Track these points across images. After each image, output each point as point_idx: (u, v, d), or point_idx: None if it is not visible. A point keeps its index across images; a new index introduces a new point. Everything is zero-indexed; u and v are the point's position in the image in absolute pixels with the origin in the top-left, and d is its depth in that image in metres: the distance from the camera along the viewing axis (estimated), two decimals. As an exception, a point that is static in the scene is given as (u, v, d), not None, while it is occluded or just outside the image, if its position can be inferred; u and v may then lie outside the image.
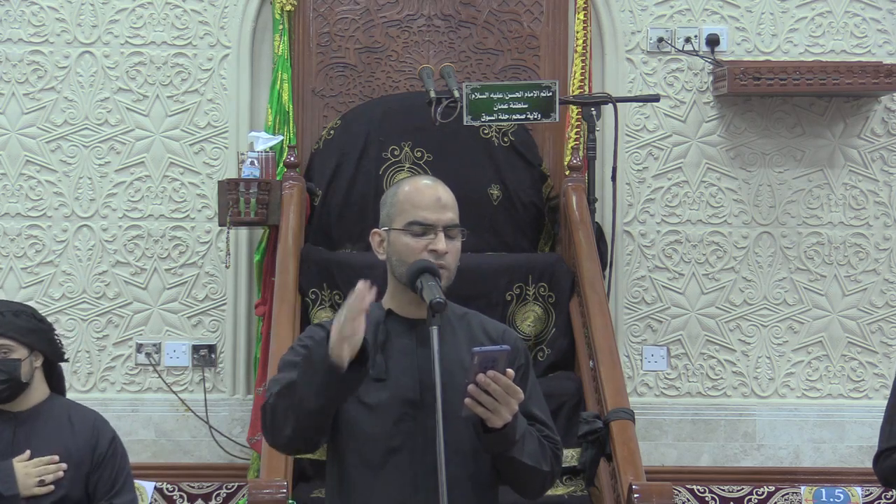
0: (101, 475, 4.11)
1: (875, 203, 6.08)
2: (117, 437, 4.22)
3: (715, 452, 5.97)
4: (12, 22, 5.95)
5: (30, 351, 4.11)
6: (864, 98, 6.03)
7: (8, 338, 4.07)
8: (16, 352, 4.08)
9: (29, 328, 4.12)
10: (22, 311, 4.18)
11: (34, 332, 4.13)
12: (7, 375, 4.04)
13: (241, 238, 5.94)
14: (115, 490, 4.12)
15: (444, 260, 3.07)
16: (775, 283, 6.05)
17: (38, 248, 5.94)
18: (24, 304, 4.32)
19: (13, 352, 4.08)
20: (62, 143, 5.95)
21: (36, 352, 4.13)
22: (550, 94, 5.40)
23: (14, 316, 4.12)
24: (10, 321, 4.09)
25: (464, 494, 3.03)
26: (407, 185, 3.16)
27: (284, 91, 5.84)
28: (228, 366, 5.93)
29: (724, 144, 6.06)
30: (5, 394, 4.07)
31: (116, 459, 4.16)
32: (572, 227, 5.49)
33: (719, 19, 6.06)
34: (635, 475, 4.36)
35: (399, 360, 3.09)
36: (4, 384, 4.05)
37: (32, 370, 4.13)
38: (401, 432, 3.05)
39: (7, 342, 4.07)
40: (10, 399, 4.09)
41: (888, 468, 4.19)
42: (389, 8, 6.09)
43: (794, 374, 6.03)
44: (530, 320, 5.44)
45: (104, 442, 4.15)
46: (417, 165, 5.73)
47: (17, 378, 4.06)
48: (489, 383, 2.91)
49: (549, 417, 3.21)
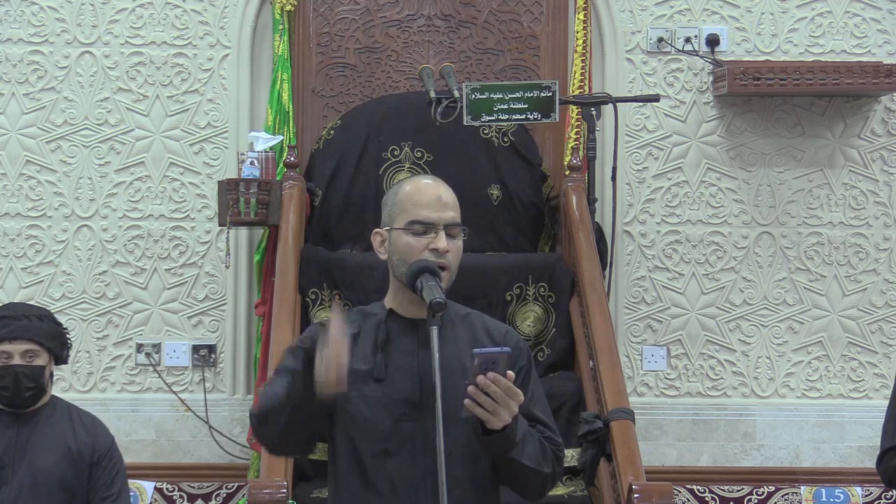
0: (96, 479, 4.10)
1: (875, 203, 6.08)
2: (115, 445, 4.21)
3: (715, 452, 5.97)
4: (12, 22, 5.95)
5: (49, 356, 4.11)
6: (864, 98, 6.03)
7: (35, 343, 4.07)
8: (39, 357, 4.08)
9: (51, 333, 4.13)
10: (45, 315, 4.19)
11: (55, 336, 4.14)
12: (34, 382, 4.05)
13: (241, 238, 5.94)
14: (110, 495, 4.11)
15: (446, 259, 3.07)
16: (775, 283, 6.05)
17: (38, 248, 5.94)
18: (43, 308, 4.32)
19: (38, 357, 4.08)
20: (62, 143, 5.95)
21: (52, 356, 4.14)
22: (550, 94, 5.40)
23: (39, 321, 4.12)
24: (37, 326, 4.09)
25: (464, 495, 3.03)
26: (408, 185, 3.16)
27: (284, 91, 5.84)
28: (228, 366, 5.93)
29: (724, 144, 6.06)
30: (30, 401, 4.07)
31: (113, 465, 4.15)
32: (572, 227, 5.49)
33: (719, 19, 6.06)
34: (635, 475, 4.35)
35: (400, 361, 3.08)
36: (31, 391, 4.05)
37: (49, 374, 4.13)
38: (401, 433, 3.04)
39: (34, 347, 4.07)
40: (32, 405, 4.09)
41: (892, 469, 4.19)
42: (389, 8, 6.09)
43: (794, 374, 6.03)
44: (530, 320, 5.44)
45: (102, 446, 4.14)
46: (417, 165, 5.73)
47: (42, 385, 4.08)
48: (489, 385, 2.90)
49: (551, 419, 3.19)
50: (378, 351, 3.08)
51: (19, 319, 4.10)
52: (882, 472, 4.28)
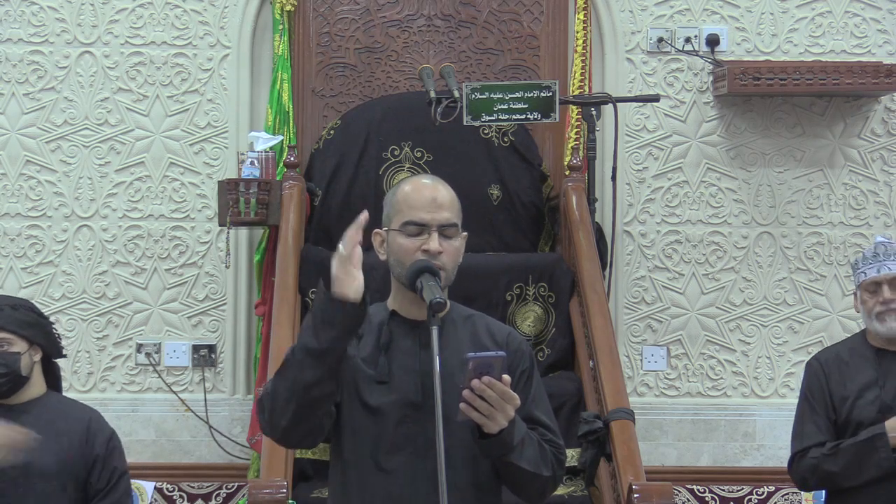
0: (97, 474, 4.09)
1: (875, 203, 6.08)
2: (115, 435, 4.19)
3: (715, 452, 5.98)
4: (12, 22, 5.95)
5: (29, 344, 4.09)
6: (864, 98, 6.04)
7: (7, 331, 4.05)
8: (15, 345, 4.06)
9: (27, 321, 4.11)
10: (20, 304, 4.17)
11: (33, 325, 4.12)
12: (7, 368, 4.03)
13: (241, 238, 5.94)
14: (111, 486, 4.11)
15: (440, 260, 3.05)
16: (775, 283, 6.05)
17: (38, 248, 5.94)
18: (21, 298, 4.31)
19: (13, 345, 4.06)
20: (62, 143, 5.96)
21: (35, 346, 4.11)
22: (550, 94, 5.39)
23: (13, 309, 4.10)
24: (9, 314, 4.08)
25: (465, 497, 3.03)
26: (406, 185, 3.16)
27: (284, 91, 5.84)
28: (228, 366, 5.94)
29: (724, 144, 6.06)
30: (5, 387, 4.05)
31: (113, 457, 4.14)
32: (572, 227, 5.49)
33: (719, 19, 6.06)
34: (635, 475, 4.35)
35: (401, 362, 3.08)
36: (4, 377, 4.03)
37: (32, 364, 4.11)
38: (402, 434, 3.04)
39: (6, 335, 4.05)
40: (9, 393, 4.07)
41: (806, 468, 4.23)
42: (389, 8, 6.09)
43: (794, 374, 6.02)
44: (530, 320, 5.44)
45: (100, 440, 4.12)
46: (417, 165, 5.73)
47: (16, 371, 4.04)
48: (484, 389, 2.89)
49: (553, 421, 3.19)
50: (381, 353, 3.08)
51: None
52: (795, 474, 4.32)
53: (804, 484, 4.39)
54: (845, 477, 4.19)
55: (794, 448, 4.35)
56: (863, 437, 4.15)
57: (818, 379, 4.32)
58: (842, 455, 4.17)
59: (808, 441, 4.28)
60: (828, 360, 4.35)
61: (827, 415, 4.27)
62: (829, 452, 4.21)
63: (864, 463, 4.14)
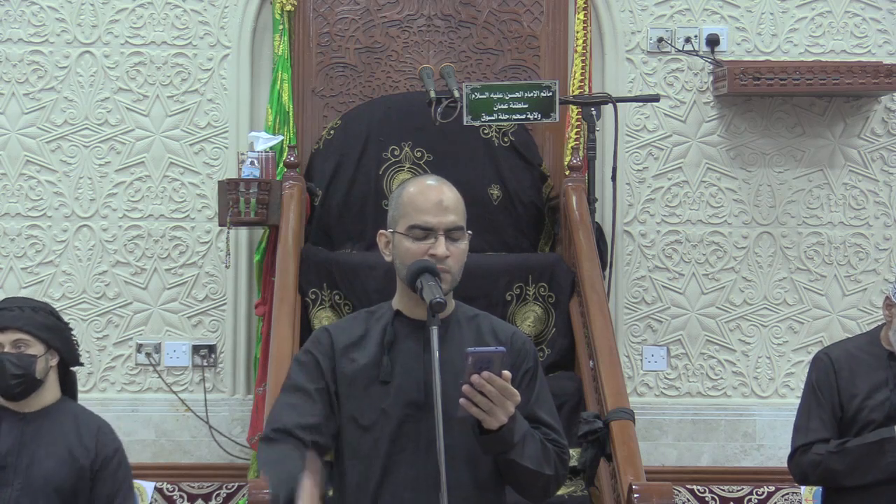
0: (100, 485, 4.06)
1: (875, 203, 6.08)
2: (122, 449, 4.15)
3: (715, 452, 5.97)
4: (12, 22, 5.95)
5: (46, 348, 4.07)
6: (864, 98, 6.03)
7: (25, 332, 4.03)
8: (32, 347, 4.04)
9: (46, 325, 4.09)
10: (41, 307, 4.15)
11: (51, 329, 4.10)
12: (22, 370, 4.00)
13: (241, 238, 5.94)
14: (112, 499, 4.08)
15: (446, 264, 3.06)
16: (775, 283, 6.05)
17: (38, 248, 5.94)
18: (42, 302, 4.27)
19: (30, 347, 4.03)
20: (62, 143, 5.95)
21: (52, 350, 4.09)
22: (550, 94, 5.40)
23: (33, 311, 4.09)
24: (29, 316, 4.06)
25: (467, 496, 3.03)
26: (412, 187, 3.15)
27: (284, 91, 5.84)
28: (228, 366, 5.93)
29: (724, 144, 6.06)
30: (19, 388, 4.02)
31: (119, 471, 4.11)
32: (572, 227, 5.49)
33: (719, 19, 6.06)
34: (635, 475, 4.35)
35: (404, 362, 3.09)
36: (19, 379, 4.00)
37: (47, 368, 4.08)
38: (404, 434, 3.05)
39: (24, 336, 4.03)
40: (23, 395, 4.04)
41: (809, 463, 4.23)
42: (389, 8, 6.09)
43: (794, 374, 6.02)
44: (530, 320, 5.44)
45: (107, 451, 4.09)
46: (417, 165, 5.73)
47: (31, 374, 4.02)
48: (483, 384, 2.89)
49: (557, 421, 3.18)
50: (384, 352, 3.08)
51: (11, 310, 4.07)
52: (794, 468, 4.32)
53: (804, 478, 4.39)
54: (849, 477, 4.18)
55: (797, 441, 4.33)
56: (871, 439, 4.14)
57: (827, 374, 4.30)
58: (848, 454, 4.16)
59: (812, 436, 4.27)
60: (839, 357, 4.32)
61: (833, 411, 4.26)
62: (834, 450, 4.20)
63: (870, 465, 4.13)
